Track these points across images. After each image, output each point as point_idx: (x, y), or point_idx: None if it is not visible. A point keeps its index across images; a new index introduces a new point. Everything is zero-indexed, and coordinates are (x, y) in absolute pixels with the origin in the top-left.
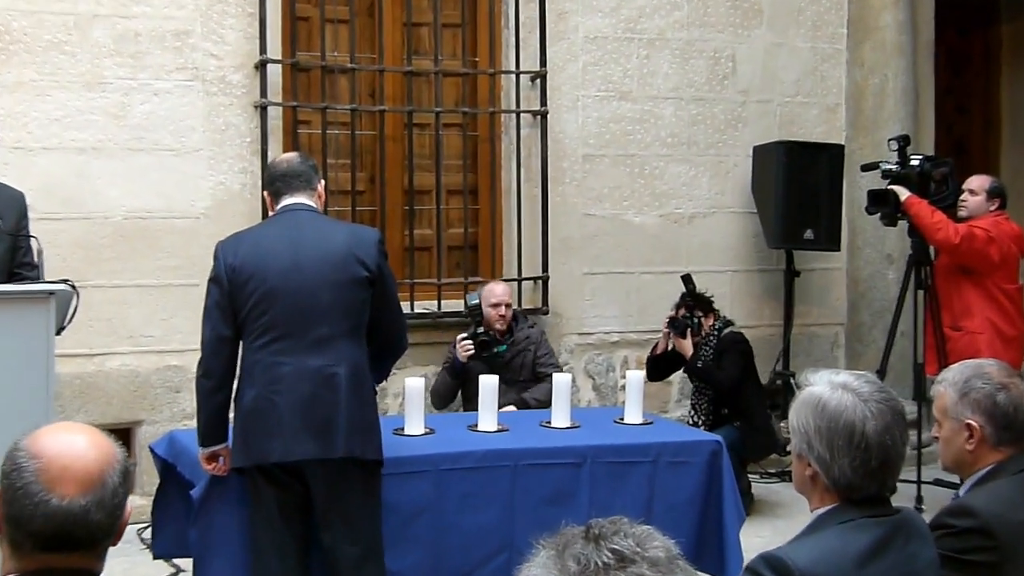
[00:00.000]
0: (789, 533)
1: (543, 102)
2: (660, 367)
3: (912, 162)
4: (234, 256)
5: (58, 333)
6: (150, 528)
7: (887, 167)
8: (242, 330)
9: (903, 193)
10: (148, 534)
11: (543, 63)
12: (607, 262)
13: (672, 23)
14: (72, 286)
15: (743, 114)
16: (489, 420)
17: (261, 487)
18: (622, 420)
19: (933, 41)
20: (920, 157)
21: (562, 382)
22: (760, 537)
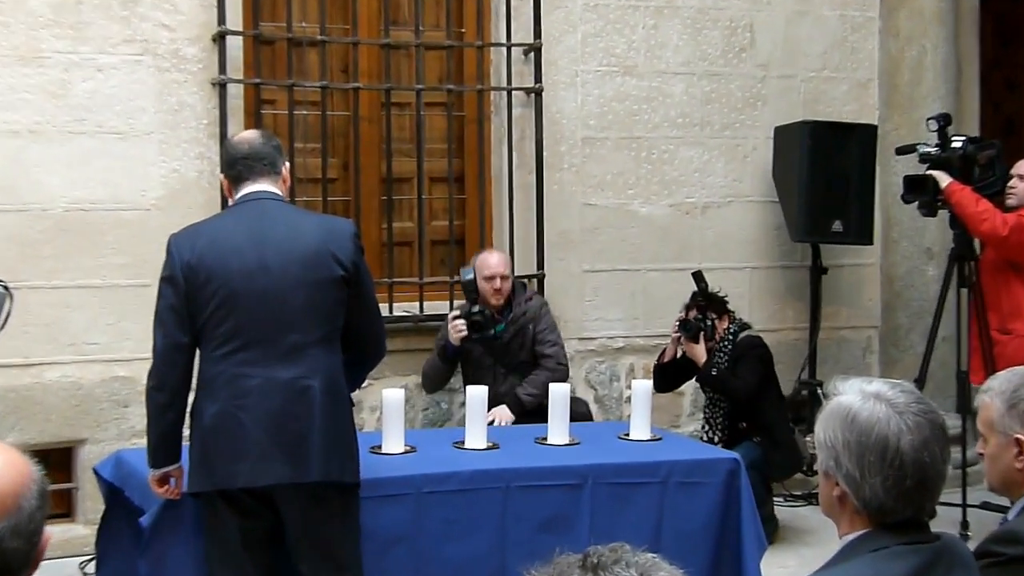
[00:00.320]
0: (817, 564)
1: (537, 78)
2: (669, 376)
3: (954, 144)
4: (190, 252)
5: None
6: (94, 561)
7: (925, 150)
8: (200, 337)
9: (944, 179)
10: (92, 567)
11: (537, 34)
12: (610, 258)
13: None
14: (5, 287)
15: (763, 91)
16: (477, 436)
17: (222, 514)
18: (627, 436)
19: (978, 8)
20: (963, 138)
21: (559, 393)
22: (784, 568)
